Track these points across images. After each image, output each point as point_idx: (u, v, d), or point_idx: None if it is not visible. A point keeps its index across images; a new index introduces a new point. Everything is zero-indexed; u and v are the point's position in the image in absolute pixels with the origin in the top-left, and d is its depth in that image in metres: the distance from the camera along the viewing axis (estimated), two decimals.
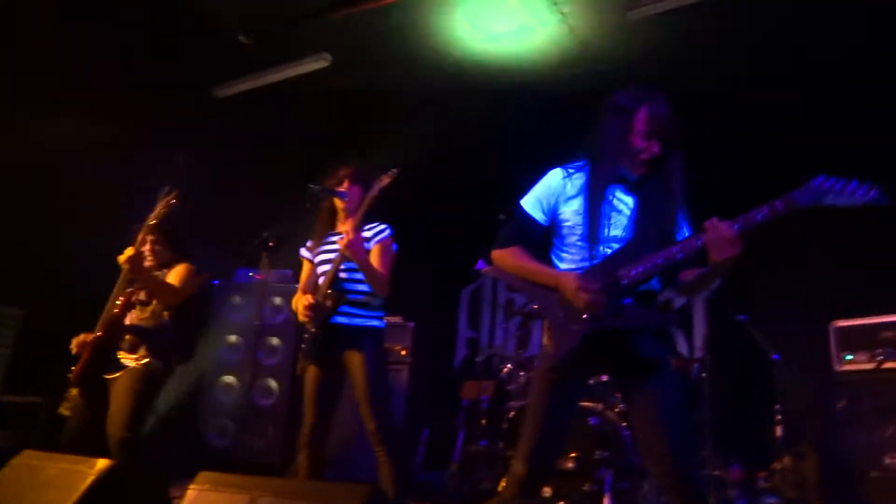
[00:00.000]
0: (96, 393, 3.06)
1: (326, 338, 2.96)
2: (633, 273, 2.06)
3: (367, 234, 3.12)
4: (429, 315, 5.74)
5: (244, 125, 5.97)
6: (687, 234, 2.17)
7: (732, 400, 4.76)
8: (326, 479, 3.05)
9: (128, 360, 3.09)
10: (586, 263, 2.16)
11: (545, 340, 2.20)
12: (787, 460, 4.39)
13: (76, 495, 2.17)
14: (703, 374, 4.52)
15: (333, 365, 3.00)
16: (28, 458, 2.52)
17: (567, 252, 2.24)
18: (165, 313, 3.17)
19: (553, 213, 2.26)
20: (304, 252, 3.29)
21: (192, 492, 2.00)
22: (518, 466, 2.13)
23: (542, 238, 2.28)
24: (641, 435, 2.09)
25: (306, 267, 3.28)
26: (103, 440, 2.91)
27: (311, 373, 3.03)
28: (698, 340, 5.54)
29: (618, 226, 2.17)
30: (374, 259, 3.07)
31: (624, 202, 2.21)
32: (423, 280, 3.19)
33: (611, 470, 3.90)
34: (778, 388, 4.37)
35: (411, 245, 3.24)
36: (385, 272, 3.05)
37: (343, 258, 2.98)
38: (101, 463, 2.30)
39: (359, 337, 2.99)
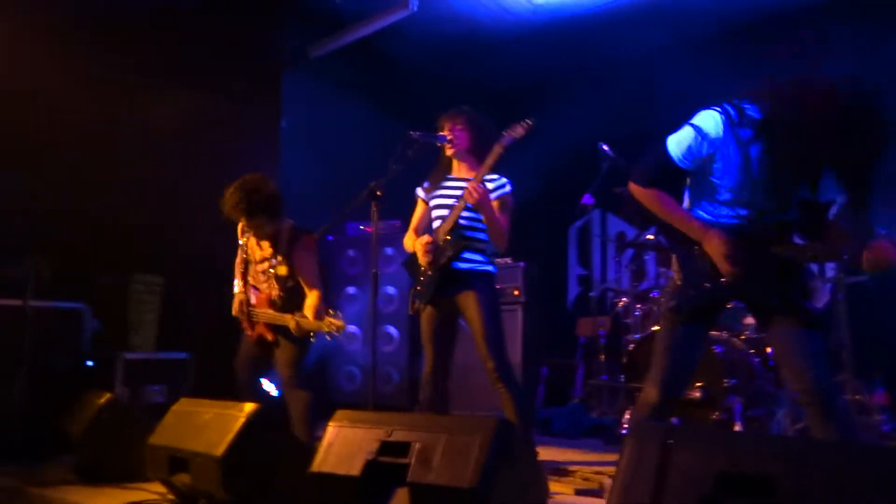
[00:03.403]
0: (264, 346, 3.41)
1: (441, 279, 3.03)
2: (789, 249, 2.03)
3: (488, 185, 3.10)
4: (538, 254, 5.72)
5: (341, 82, 6.08)
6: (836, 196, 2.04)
7: (873, 320, 4.45)
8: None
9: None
10: (731, 221, 2.12)
11: (675, 277, 2.19)
12: None
13: (231, 435, 2.39)
14: (838, 295, 4.25)
15: (448, 306, 3.07)
16: (186, 406, 2.80)
17: (710, 205, 2.17)
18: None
19: (701, 162, 2.12)
20: (420, 192, 3.34)
21: (332, 428, 2.14)
22: (650, 391, 2.17)
23: (679, 177, 2.22)
24: (779, 352, 2.12)
25: (421, 207, 3.33)
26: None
27: (426, 314, 3.12)
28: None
29: (754, 182, 2.07)
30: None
31: (754, 151, 2.05)
32: (531, 219, 3.18)
33: (740, 397, 3.79)
34: None
35: (515, 182, 3.21)
36: (506, 227, 3.07)
37: (464, 206, 3.00)
38: (249, 406, 2.52)
39: (472, 279, 3.04)
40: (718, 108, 2.08)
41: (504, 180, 3.15)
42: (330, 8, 5.59)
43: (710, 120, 2.08)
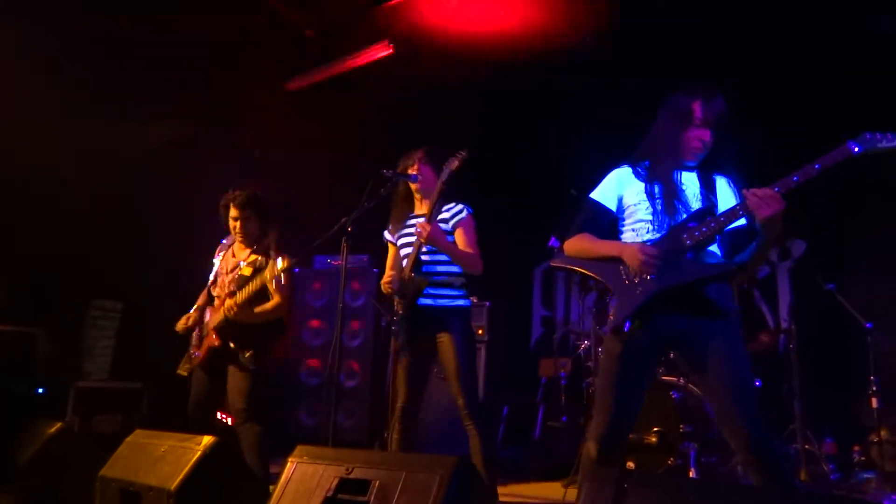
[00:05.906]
0: (215, 371, 3.35)
1: (415, 320, 3.05)
2: (696, 234, 2.15)
3: (444, 215, 3.17)
4: (503, 294, 5.78)
5: (316, 116, 6.14)
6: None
7: (822, 371, 4.59)
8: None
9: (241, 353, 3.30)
10: (655, 236, 2.24)
11: (611, 318, 2.24)
12: (884, 433, 4.21)
13: (186, 469, 2.35)
14: (790, 346, 4.38)
15: (423, 346, 3.09)
16: (140, 437, 2.74)
17: (634, 231, 2.32)
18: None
19: (620, 201, 2.38)
20: (386, 235, 3.39)
21: (291, 463, 2.12)
22: (590, 447, 2.19)
23: (610, 225, 2.39)
24: (717, 408, 2.13)
25: (391, 249, 3.38)
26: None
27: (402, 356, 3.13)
28: (783, 311, 5.36)
29: (683, 200, 2.28)
30: (460, 241, 3.13)
31: (687, 180, 2.33)
32: (496, 259, 3.26)
33: (695, 444, 3.85)
34: (872, 357, 4.19)
35: (482, 224, 3.27)
36: (474, 250, 3.13)
37: (422, 243, 3.05)
38: (206, 440, 2.48)
39: (446, 317, 3.06)
40: (627, 164, 2.42)
41: (461, 206, 3.20)
42: (307, 42, 5.67)
43: (621, 169, 2.42)
